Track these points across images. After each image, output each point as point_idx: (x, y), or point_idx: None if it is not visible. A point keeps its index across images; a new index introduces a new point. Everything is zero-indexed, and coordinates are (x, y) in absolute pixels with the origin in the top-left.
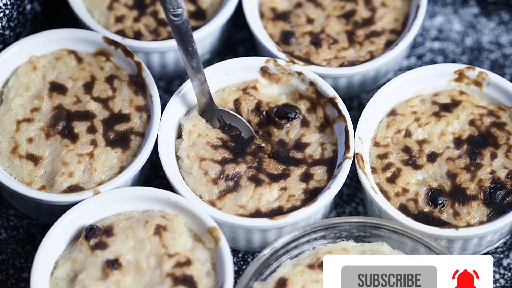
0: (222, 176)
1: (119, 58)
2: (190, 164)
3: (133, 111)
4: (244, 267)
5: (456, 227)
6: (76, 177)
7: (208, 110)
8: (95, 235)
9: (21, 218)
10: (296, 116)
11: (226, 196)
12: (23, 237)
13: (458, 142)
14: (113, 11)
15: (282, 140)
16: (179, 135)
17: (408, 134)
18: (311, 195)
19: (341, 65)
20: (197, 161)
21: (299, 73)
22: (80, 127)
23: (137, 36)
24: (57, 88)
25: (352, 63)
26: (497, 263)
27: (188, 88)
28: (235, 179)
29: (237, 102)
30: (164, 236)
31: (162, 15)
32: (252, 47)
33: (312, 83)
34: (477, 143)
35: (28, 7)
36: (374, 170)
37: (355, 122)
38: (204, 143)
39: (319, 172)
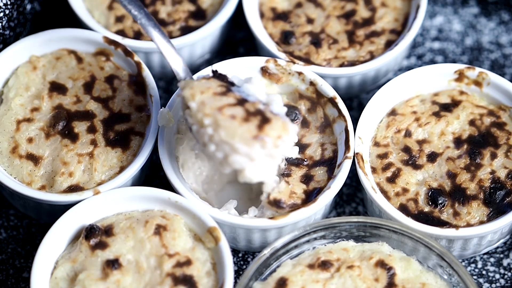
0: (249, 113)
1: (119, 58)
2: (213, 118)
3: (133, 111)
4: (244, 267)
5: (456, 227)
6: (76, 177)
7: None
8: (95, 235)
9: (21, 218)
10: (296, 118)
11: (265, 128)
12: (23, 237)
13: (458, 142)
14: (113, 11)
15: None
16: (180, 134)
17: (408, 134)
18: (311, 195)
19: (341, 65)
20: (217, 112)
21: (299, 73)
22: (80, 127)
23: (137, 36)
24: (57, 88)
25: (352, 63)
26: (497, 263)
27: None
28: (260, 113)
29: None
30: (164, 236)
31: (162, 15)
32: (252, 47)
33: (312, 83)
34: (477, 143)
35: (28, 7)
36: (374, 170)
37: (355, 122)
38: (211, 95)
39: (319, 172)
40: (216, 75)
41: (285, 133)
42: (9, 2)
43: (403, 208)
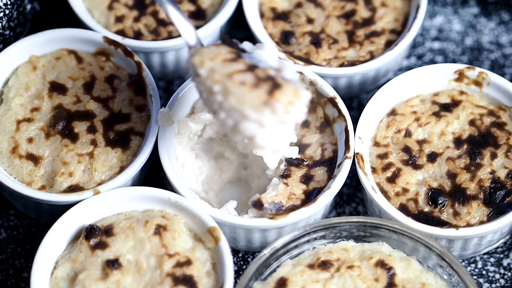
0: (259, 79)
1: (119, 58)
2: (222, 85)
3: (133, 111)
4: (244, 267)
5: (456, 227)
6: (76, 177)
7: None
8: (95, 235)
9: (21, 218)
10: None
11: (275, 94)
12: (23, 237)
13: (458, 142)
14: (113, 11)
15: None
16: (180, 134)
17: (408, 134)
18: (311, 195)
19: (341, 65)
20: (227, 78)
21: (299, 73)
22: (80, 127)
23: (137, 36)
24: (57, 88)
25: (352, 63)
26: (497, 263)
27: (188, 88)
28: (271, 79)
29: None
30: (164, 236)
31: (162, 15)
32: None
33: (312, 83)
34: (477, 143)
35: (28, 7)
36: (374, 170)
37: (355, 122)
38: (221, 62)
39: (319, 172)
40: (227, 42)
41: (296, 99)
42: (9, 2)
43: (403, 208)
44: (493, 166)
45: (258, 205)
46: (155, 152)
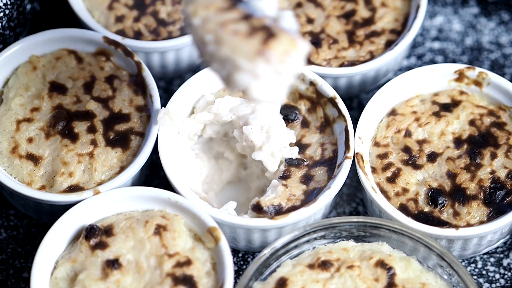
0: (254, 29)
1: (119, 58)
2: (214, 35)
3: (133, 111)
4: (244, 267)
5: (456, 227)
6: (76, 177)
7: None
8: (95, 235)
9: (21, 218)
10: (296, 118)
11: (269, 43)
12: (23, 237)
13: (458, 142)
14: (113, 11)
15: None
16: (180, 134)
17: (408, 134)
18: (311, 195)
19: (341, 65)
20: (219, 27)
21: (299, 73)
22: (80, 127)
23: (137, 36)
24: (57, 88)
25: (352, 63)
26: (497, 263)
27: (188, 88)
28: (267, 28)
29: None
30: (164, 236)
31: (162, 15)
32: None
33: (312, 83)
34: (477, 143)
35: (28, 7)
36: (374, 170)
37: (355, 122)
38: (215, 11)
39: (319, 172)
40: None
41: (293, 48)
42: (9, 2)
43: (403, 208)
44: (493, 166)
45: (257, 208)
46: (155, 152)
